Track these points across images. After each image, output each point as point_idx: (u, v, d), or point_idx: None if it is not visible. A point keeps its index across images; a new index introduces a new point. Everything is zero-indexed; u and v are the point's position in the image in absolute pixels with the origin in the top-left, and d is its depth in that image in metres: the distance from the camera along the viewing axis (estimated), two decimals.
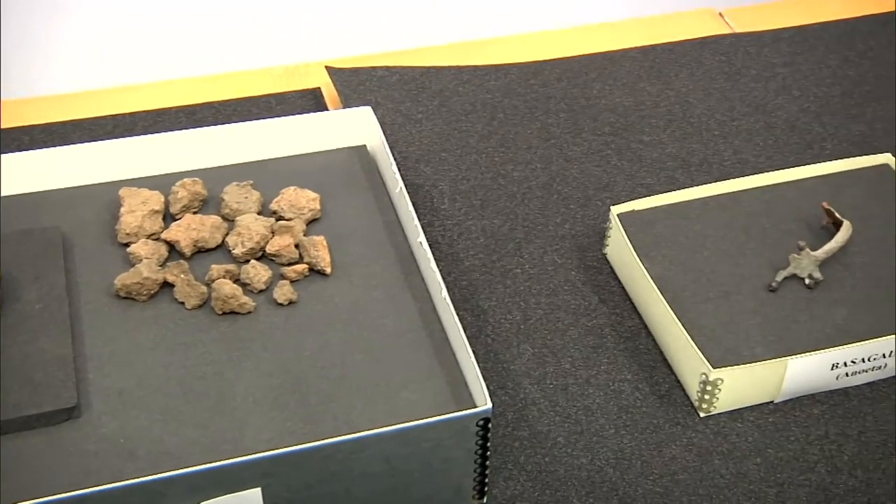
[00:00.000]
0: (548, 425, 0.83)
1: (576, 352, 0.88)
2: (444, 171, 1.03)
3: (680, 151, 1.06)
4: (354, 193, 0.93)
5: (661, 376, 0.87)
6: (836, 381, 0.85)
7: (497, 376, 0.86)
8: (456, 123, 1.08)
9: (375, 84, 1.11)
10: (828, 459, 0.81)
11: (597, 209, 1.00)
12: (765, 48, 1.18)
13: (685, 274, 0.89)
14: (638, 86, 1.13)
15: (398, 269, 0.86)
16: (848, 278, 0.89)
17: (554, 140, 1.07)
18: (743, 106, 1.11)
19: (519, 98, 1.11)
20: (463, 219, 0.99)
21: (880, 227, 0.92)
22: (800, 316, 0.86)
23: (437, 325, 0.82)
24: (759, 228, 0.93)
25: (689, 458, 0.81)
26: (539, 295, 0.93)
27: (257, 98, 1.10)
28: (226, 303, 0.82)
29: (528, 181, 1.03)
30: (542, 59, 1.16)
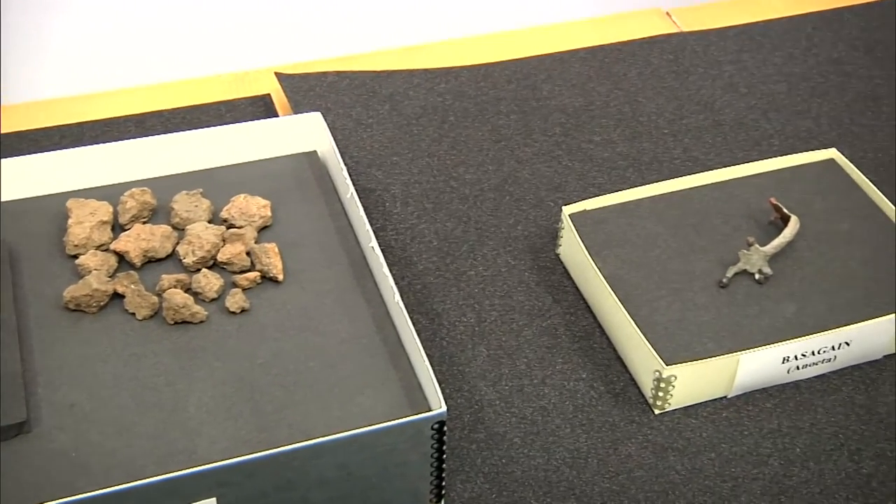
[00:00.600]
0: (504, 426, 0.83)
1: (531, 352, 0.88)
2: (396, 175, 1.03)
3: (630, 150, 1.07)
4: (306, 200, 0.92)
5: (615, 374, 0.87)
6: (787, 375, 0.86)
7: (453, 379, 0.86)
8: (407, 127, 1.08)
9: (326, 89, 1.11)
10: (780, 452, 0.82)
11: (549, 210, 1.00)
12: (711, 46, 1.19)
13: (637, 272, 0.90)
14: (588, 86, 1.14)
15: (351, 274, 0.86)
16: (797, 272, 0.90)
17: (505, 142, 1.07)
18: (691, 104, 1.12)
19: (469, 100, 1.12)
20: (416, 222, 0.99)
21: (827, 222, 0.94)
22: (750, 311, 0.87)
23: (390, 329, 0.82)
24: (708, 225, 0.94)
25: (644, 456, 0.81)
26: (493, 297, 0.93)
27: (207, 106, 1.09)
28: (177, 312, 0.81)
29: (479, 183, 1.03)
30: (492, 61, 1.17)
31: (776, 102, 1.12)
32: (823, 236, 0.92)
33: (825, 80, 1.14)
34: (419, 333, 0.89)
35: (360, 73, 1.13)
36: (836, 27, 1.20)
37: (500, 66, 1.16)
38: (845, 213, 0.94)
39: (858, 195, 0.96)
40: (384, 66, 1.15)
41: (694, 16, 1.24)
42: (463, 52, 1.18)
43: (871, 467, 0.80)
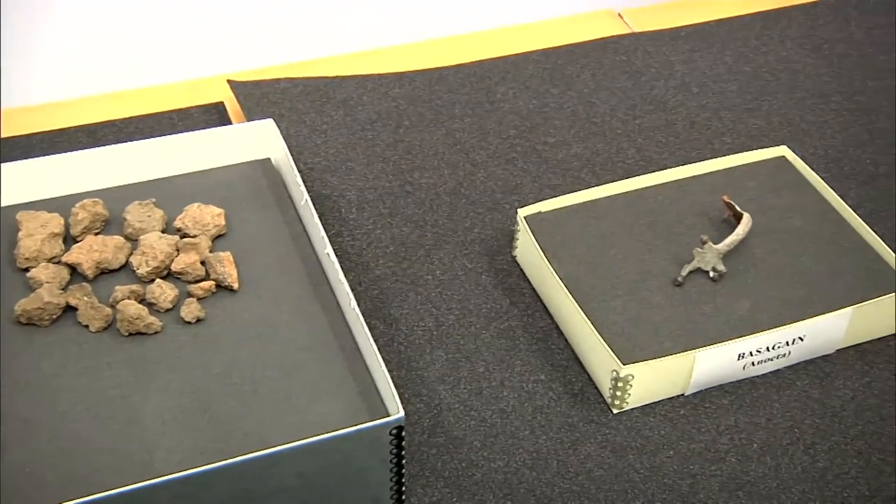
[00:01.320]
0: (463, 430, 0.83)
1: (489, 355, 0.89)
2: (351, 181, 1.03)
3: (584, 151, 1.07)
4: (260, 207, 0.92)
5: (573, 375, 0.87)
6: (742, 371, 0.86)
7: (411, 384, 0.86)
8: (361, 133, 1.08)
9: (279, 96, 1.10)
10: (738, 448, 0.82)
11: (505, 212, 1.01)
12: (663, 47, 1.20)
13: (593, 272, 0.90)
14: (541, 88, 1.14)
15: (306, 281, 0.86)
16: (750, 269, 0.91)
17: (460, 145, 1.07)
18: (644, 104, 1.13)
19: (424, 105, 1.12)
20: (371, 228, 0.99)
21: (779, 218, 0.94)
22: (705, 308, 0.87)
23: (347, 336, 0.82)
24: (663, 224, 0.94)
25: (603, 455, 0.82)
26: (450, 300, 0.93)
27: (159, 115, 1.09)
28: (131, 324, 0.81)
29: (435, 187, 1.03)
30: (445, 65, 1.17)
31: (727, 101, 1.13)
32: (776, 233, 0.93)
33: (775, 79, 1.15)
34: (377, 339, 0.89)
35: (313, 79, 1.13)
36: (783, 26, 1.22)
37: (453, 70, 1.16)
38: (797, 210, 0.95)
39: (809, 191, 0.97)
40: (337, 71, 1.15)
41: (645, 16, 1.24)
42: (416, 56, 1.18)
43: (826, 461, 0.81)
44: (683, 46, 1.20)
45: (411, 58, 1.18)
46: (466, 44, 1.20)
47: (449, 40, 1.21)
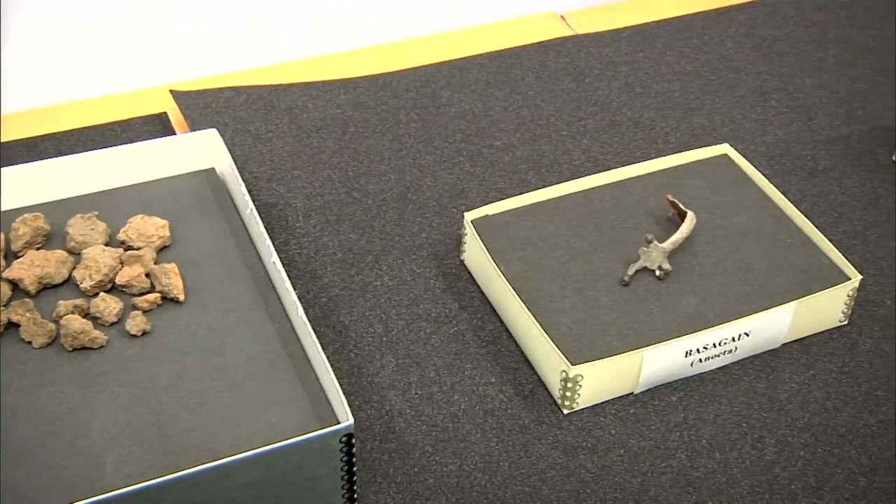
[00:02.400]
0: (415, 435, 0.83)
1: (439, 360, 0.89)
2: (298, 189, 1.02)
3: (530, 154, 1.08)
4: (205, 218, 0.91)
5: (523, 377, 0.88)
6: (690, 368, 0.87)
7: (362, 390, 0.86)
8: (307, 140, 1.08)
9: (222, 105, 1.10)
10: (687, 445, 0.83)
11: (452, 216, 1.01)
12: (606, 48, 1.21)
13: (540, 274, 0.90)
14: (486, 91, 1.15)
15: (254, 291, 0.85)
16: (696, 267, 0.91)
17: (406, 150, 1.07)
18: (589, 105, 1.13)
19: (369, 111, 1.12)
20: (319, 235, 0.98)
21: (722, 216, 0.95)
22: (652, 307, 0.88)
23: (296, 344, 0.82)
24: (609, 224, 0.95)
25: (555, 456, 0.82)
26: (399, 306, 0.93)
27: (101, 126, 1.08)
28: (76, 338, 0.80)
29: (382, 193, 1.03)
30: (390, 70, 1.17)
31: (670, 101, 1.14)
32: (719, 230, 0.94)
33: (716, 78, 1.17)
34: (326, 346, 0.89)
35: (257, 87, 1.13)
36: (724, 25, 1.23)
37: (398, 76, 1.16)
38: (739, 207, 0.96)
39: (751, 188, 0.98)
40: (281, 79, 1.15)
41: (588, 18, 1.25)
42: (361, 62, 1.18)
43: (774, 454, 0.82)
44: (626, 47, 1.21)
45: (356, 64, 1.18)
46: (411, 49, 1.20)
47: (393, 46, 1.21)
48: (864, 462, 0.82)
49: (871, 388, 0.87)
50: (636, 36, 1.22)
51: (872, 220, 1.00)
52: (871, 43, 1.20)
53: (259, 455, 0.70)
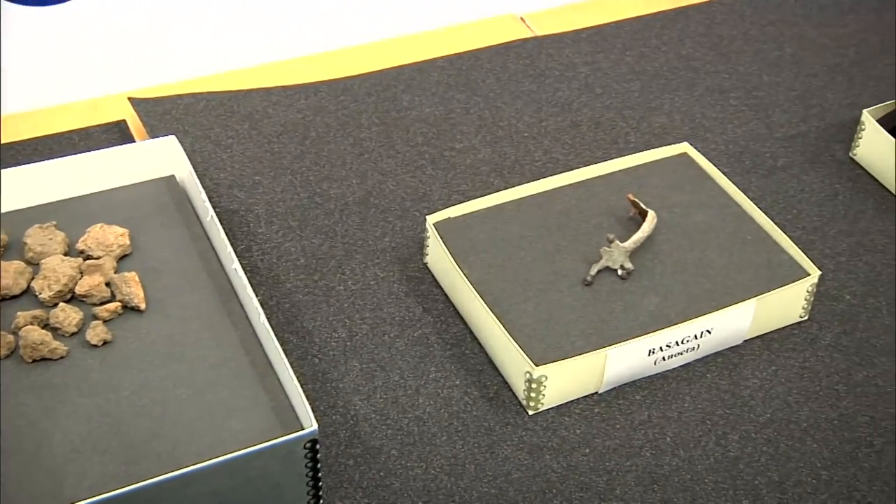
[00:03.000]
0: (381, 439, 0.83)
1: (404, 363, 0.89)
2: (259, 195, 1.02)
3: (492, 156, 1.08)
4: (165, 225, 0.91)
5: (488, 379, 0.88)
6: (654, 367, 0.88)
7: (327, 396, 0.86)
8: (268, 146, 1.07)
9: (182, 112, 1.09)
10: (652, 443, 0.83)
11: (415, 220, 1.01)
12: (566, 49, 1.21)
13: (503, 275, 0.91)
14: (447, 94, 1.15)
15: (216, 298, 0.85)
16: (657, 266, 0.92)
17: (368, 154, 1.07)
18: (549, 106, 1.14)
19: (330, 115, 1.11)
20: (281, 241, 0.98)
21: (683, 214, 0.96)
22: (615, 306, 0.89)
23: (258, 351, 0.81)
24: (571, 225, 0.95)
25: (521, 457, 0.82)
26: (363, 310, 0.93)
27: (59, 135, 1.07)
28: (35, 350, 0.79)
29: (344, 197, 1.03)
30: (351, 74, 1.17)
31: (630, 101, 1.14)
32: (680, 228, 0.95)
33: (675, 77, 1.17)
34: (290, 352, 0.88)
35: (216, 93, 1.12)
36: (682, 25, 1.24)
37: (359, 80, 1.16)
38: (700, 205, 0.97)
39: (711, 186, 0.99)
40: (241, 85, 1.14)
41: (547, 20, 1.26)
42: (321, 67, 1.18)
43: (737, 450, 0.83)
44: (586, 48, 1.21)
45: (316, 69, 1.17)
46: (371, 53, 1.20)
47: (354, 50, 1.21)
48: (826, 456, 0.82)
49: (832, 383, 0.87)
50: (596, 37, 1.23)
51: (830, 216, 1.01)
52: (826, 41, 1.21)
53: (223, 463, 0.69)
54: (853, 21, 1.24)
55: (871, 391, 0.87)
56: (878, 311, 0.93)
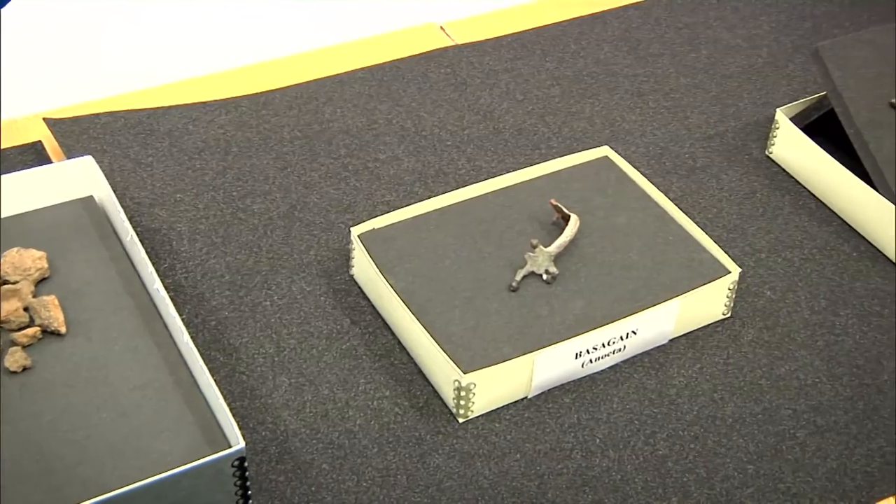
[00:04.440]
0: (311, 454, 0.83)
1: (332, 377, 0.88)
2: (181, 213, 1.01)
3: (416, 165, 1.08)
4: (84, 247, 0.89)
5: (418, 388, 0.88)
6: (582, 369, 0.88)
7: (255, 412, 0.85)
8: (189, 163, 1.06)
9: (99, 131, 1.08)
10: (582, 445, 0.84)
11: (340, 232, 1.00)
12: (486, 57, 1.22)
13: (429, 284, 0.91)
14: (369, 105, 1.15)
15: (138, 319, 0.84)
16: (582, 269, 0.93)
17: (291, 168, 1.07)
18: (472, 114, 1.14)
19: (252, 130, 1.11)
20: (205, 258, 0.97)
21: (605, 217, 0.97)
22: (541, 311, 0.89)
23: (184, 370, 0.80)
24: (495, 232, 0.96)
25: (452, 465, 0.82)
26: (290, 325, 0.92)
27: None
28: None
29: (268, 212, 1.02)
30: (271, 88, 1.16)
31: (551, 106, 1.15)
32: (603, 231, 0.96)
33: (595, 81, 1.19)
34: (217, 370, 0.87)
35: (134, 111, 1.11)
36: (599, 30, 1.25)
37: (280, 93, 1.15)
38: (621, 207, 0.98)
39: (632, 188, 1.00)
40: (160, 102, 1.13)
41: (467, 28, 1.26)
42: (241, 81, 1.17)
43: (666, 448, 0.84)
44: (506, 55, 1.22)
45: (236, 83, 1.17)
46: (292, 66, 1.20)
47: (274, 63, 1.20)
48: (752, 450, 0.84)
49: (755, 378, 0.89)
50: (515, 44, 1.24)
51: (749, 214, 1.03)
52: (739, 42, 1.23)
53: (150, 485, 0.68)
54: (766, 22, 1.26)
55: (793, 384, 0.89)
56: (798, 305, 0.95)
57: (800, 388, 0.88)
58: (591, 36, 1.24)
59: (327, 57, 1.21)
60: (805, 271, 0.98)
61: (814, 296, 0.96)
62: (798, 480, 0.82)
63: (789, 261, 0.99)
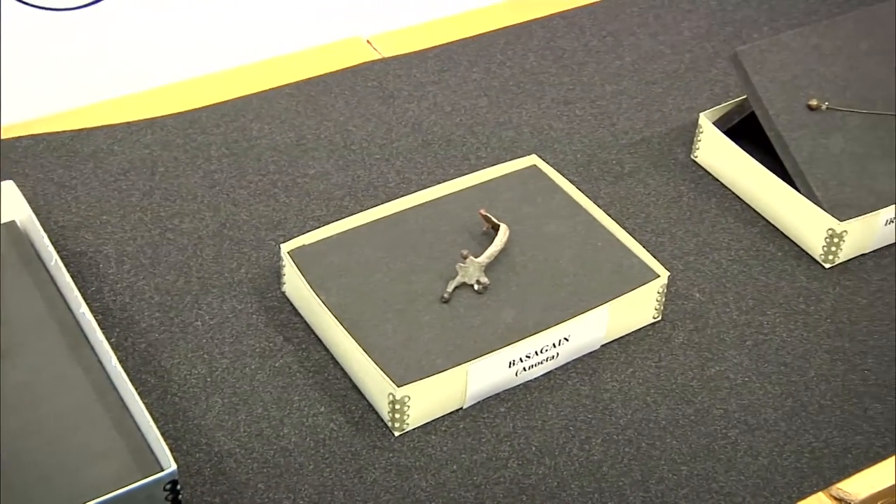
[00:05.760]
0: (247, 474, 0.82)
1: (266, 395, 0.88)
2: (108, 235, 1.00)
3: (345, 180, 1.08)
4: (7, 274, 0.88)
5: (353, 403, 0.88)
6: (516, 378, 0.89)
7: (189, 434, 0.84)
8: (114, 184, 1.05)
9: (20, 155, 1.06)
10: (518, 453, 0.84)
11: (270, 249, 1.00)
12: (413, 69, 1.22)
13: (361, 299, 0.91)
14: (297, 121, 1.14)
15: (65, 344, 0.83)
16: (513, 278, 0.93)
17: (219, 186, 1.06)
18: (400, 127, 1.14)
19: (178, 149, 1.10)
20: (134, 280, 0.96)
21: (535, 225, 0.98)
22: (474, 321, 0.89)
23: (113, 395, 0.79)
24: (425, 244, 0.96)
25: (389, 479, 0.82)
26: (222, 344, 0.91)
27: None
28: None
29: (197, 231, 1.01)
30: (197, 106, 1.15)
31: (479, 117, 1.16)
32: (533, 240, 0.96)
33: (522, 91, 1.19)
34: (149, 393, 0.86)
35: (57, 133, 1.09)
36: (525, 39, 1.26)
37: (206, 111, 1.15)
38: (550, 215, 0.99)
39: (561, 196, 1.01)
40: (83, 124, 1.11)
41: (393, 41, 1.26)
42: (166, 100, 1.16)
43: (601, 453, 0.84)
44: (433, 67, 1.23)
45: (161, 102, 1.15)
46: (218, 83, 1.19)
47: (199, 81, 1.20)
48: (685, 451, 0.85)
49: (687, 380, 0.90)
50: (442, 55, 1.24)
51: (677, 218, 1.05)
52: (662, 48, 1.25)
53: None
54: (687, 28, 1.28)
55: (723, 385, 0.90)
56: (727, 306, 0.96)
57: (730, 388, 0.89)
58: (517, 46, 1.25)
59: (254, 73, 1.21)
60: (732, 272, 0.99)
61: (741, 296, 0.97)
62: (731, 479, 0.83)
63: (717, 262, 1.00)
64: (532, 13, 1.30)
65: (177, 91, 1.18)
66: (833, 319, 0.95)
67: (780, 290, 0.98)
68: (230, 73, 1.21)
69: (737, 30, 1.28)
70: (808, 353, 0.92)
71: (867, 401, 0.89)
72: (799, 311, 0.96)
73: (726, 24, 1.29)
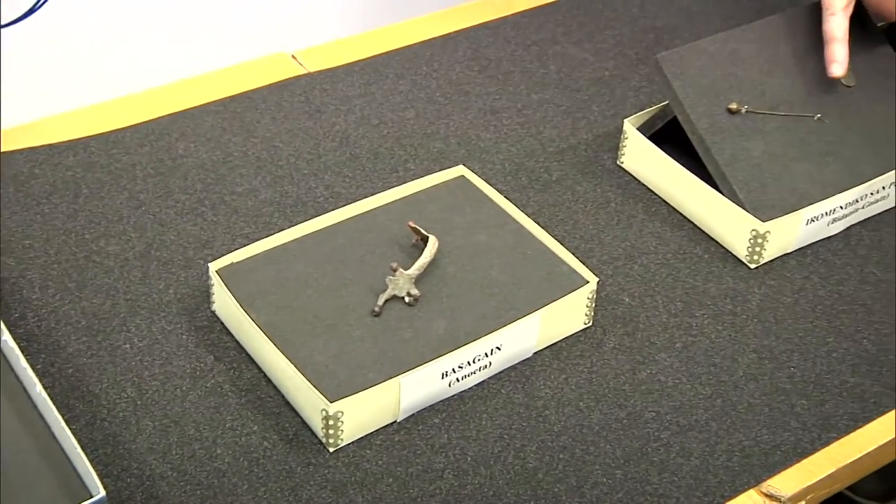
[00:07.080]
0: (179, 497, 0.81)
1: (198, 416, 0.87)
2: (31, 259, 0.98)
3: (274, 196, 1.07)
4: None
5: (286, 421, 0.87)
6: (449, 389, 0.89)
7: (119, 459, 0.83)
8: (37, 207, 1.03)
9: None
10: (453, 464, 0.84)
11: (199, 268, 0.99)
12: (339, 83, 1.22)
13: (291, 315, 0.90)
14: (223, 138, 1.13)
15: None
16: (444, 289, 0.93)
17: (145, 207, 1.05)
18: (328, 141, 1.14)
19: (102, 170, 1.08)
20: (59, 304, 0.94)
21: (464, 236, 0.98)
22: (405, 334, 0.89)
23: (39, 422, 0.78)
24: (355, 258, 0.95)
25: (324, 496, 0.82)
26: (152, 366, 0.90)
27: None
28: None
29: (124, 253, 1.00)
30: (120, 126, 1.14)
31: (406, 129, 1.16)
32: (462, 250, 0.97)
33: (448, 102, 1.20)
34: (77, 419, 0.85)
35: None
36: (451, 50, 1.27)
37: (130, 131, 1.13)
38: (479, 225, 0.99)
39: (489, 206, 1.01)
40: (2, 147, 1.09)
41: (318, 55, 1.26)
42: (88, 121, 1.14)
43: (536, 460, 0.85)
44: (359, 80, 1.22)
45: (82, 123, 1.14)
46: (141, 102, 1.18)
47: (122, 101, 1.18)
48: (619, 455, 0.85)
49: (619, 384, 0.91)
50: (368, 69, 1.24)
51: (605, 224, 1.06)
52: (586, 56, 1.26)
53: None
54: (610, 36, 1.29)
55: (655, 387, 0.91)
56: (656, 309, 0.97)
57: (661, 391, 0.90)
58: (443, 57, 1.26)
59: (178, 91, 1.19)
60: (660, 276, 1.00)
61: (670, 299, 0.98)
62: (664, 481, 0.84)
63: (645, 267, 1.01)
64: (457, 24, 1.31)
65: (99, 112, 1.16)
66: (759, 319, 0.97)
67: (707, 292, 0.99)
68: (154, 92, 1.20)
69: (658, 37, 1.30)
70: (736, 353, 0.94)
71: (794, 398, 0.90)
72: (726, 312, 0.97)
73: (648, 32, 1.31)
